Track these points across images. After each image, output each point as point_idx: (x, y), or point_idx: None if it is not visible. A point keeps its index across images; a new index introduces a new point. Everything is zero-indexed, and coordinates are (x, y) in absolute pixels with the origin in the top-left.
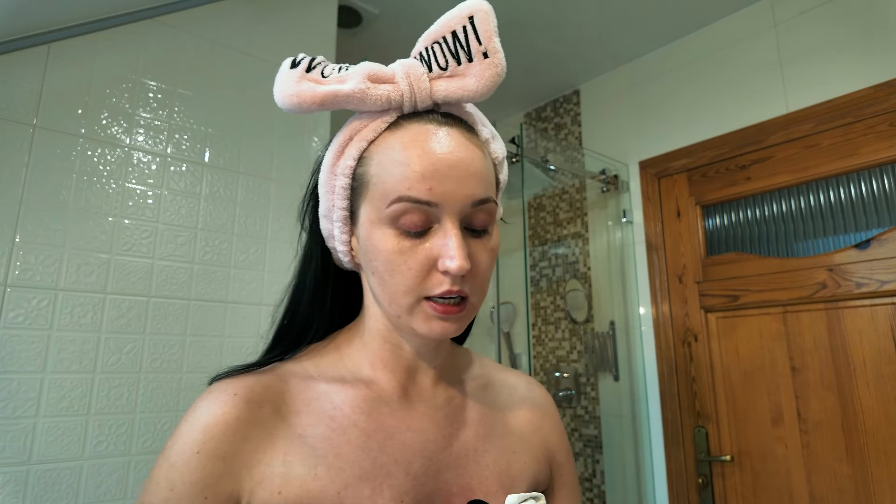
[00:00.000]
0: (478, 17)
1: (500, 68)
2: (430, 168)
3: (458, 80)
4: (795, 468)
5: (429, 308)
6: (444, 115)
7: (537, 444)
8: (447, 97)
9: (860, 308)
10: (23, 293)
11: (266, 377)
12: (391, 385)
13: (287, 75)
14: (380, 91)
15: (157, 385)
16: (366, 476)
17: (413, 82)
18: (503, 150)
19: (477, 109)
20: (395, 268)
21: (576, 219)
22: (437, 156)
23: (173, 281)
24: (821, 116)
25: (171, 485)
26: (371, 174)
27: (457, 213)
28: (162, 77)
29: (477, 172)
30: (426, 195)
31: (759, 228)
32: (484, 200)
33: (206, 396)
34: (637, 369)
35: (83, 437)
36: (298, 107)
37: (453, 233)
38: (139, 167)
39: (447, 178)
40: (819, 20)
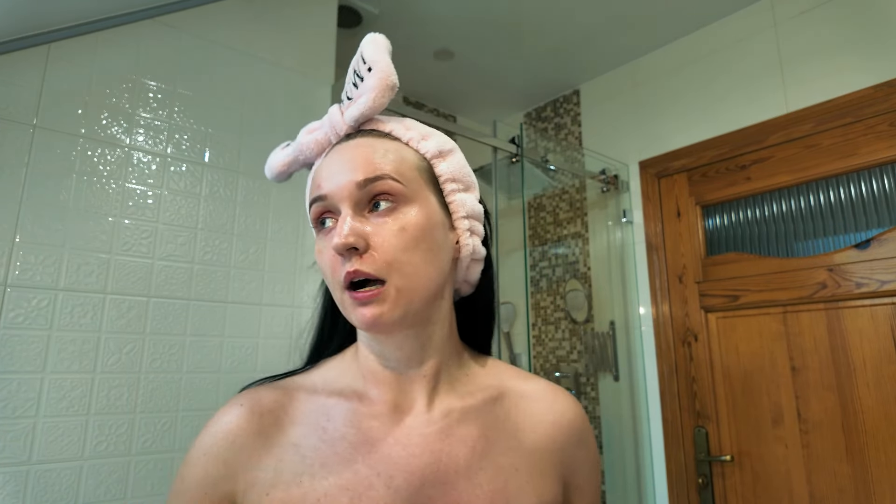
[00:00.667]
0: (364, 46)
1: (384, 73)
2: (323, 170)
3: (357, 101)
4: (795, 468)
5: (349, 297)
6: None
7: (550, 463)
8: (354, 118)
9: (860, 308)
10: (23, 293)
11: (275, 390)
12: (382, 399)
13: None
14: (309, 139)
15: (157, 385)
16: (347, 486)
17: (330, 119)
18: (440, 144)
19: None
20: (321, 266)
21: (576, 219)
22: (329, 160)
23: (173, 281)
24: (821, 116)
25: (182, 478)
26: None
27: (346, 197)
28: (162, 77)
29: (364, 158)
30: (318, 191)
31: (759, 228)
32: (371, 179)
33: (224, 406)
34: (637, 369)
35: (83, 437)
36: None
37: (343, 216)
38: (139, 167)
39: (336, 172)
40: (819, 20)
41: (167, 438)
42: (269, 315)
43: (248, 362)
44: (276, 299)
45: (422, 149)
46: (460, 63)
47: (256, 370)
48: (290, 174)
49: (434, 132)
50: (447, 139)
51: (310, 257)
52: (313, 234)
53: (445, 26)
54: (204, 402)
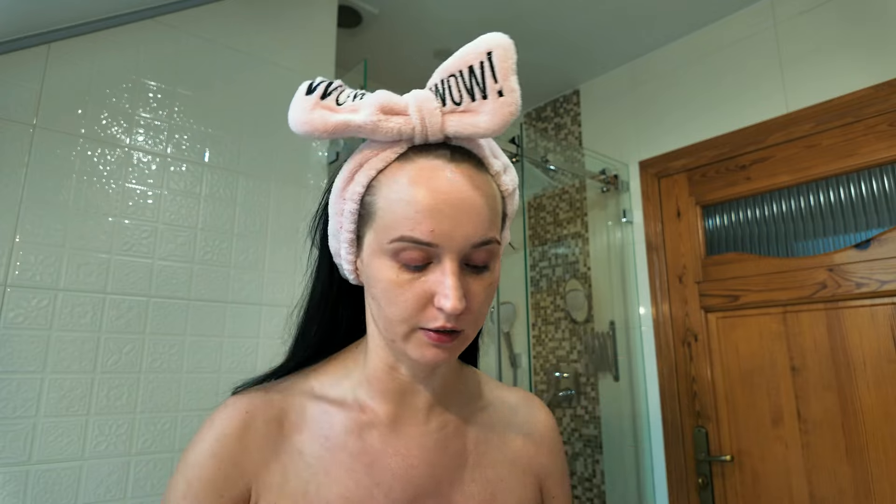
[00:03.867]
0: (496, 53)
1: (515, 107)
2: (432, 209)
3: (471, 117)
4: (795, 468)
5: (423, 336)
6: (453, 150)
7: (529, 472)
8: (458, 133)
9: (860, 308)
10: (23, 293)
11: (274, 396)
12: (383, 409)
13: (301, 102)
14: (391, 124)
15: (157, 385)
16: (348, 496)
17: (425, 116)
18: (514, 181)
19: (492, 142)
20: (393, 298)
21: (576, 219)
22: (441, 196)
23: (173, 281)
24: (821, 116)
25: (189, 483)
26: (378, 206)
27: (455, 252)
28: (162, 77)
29: (479, 213)
30: (427, 237)
31: (759, 228)
32: (484, 242)
33: (223, 410)
34: (637, 369)
35: (83, 437)
36: (310, 134)
37: (450, 272)
38: (139, 167)
39: (448, 219)
40: (819, 20)
41: (167, 438)
42: (268, 315)
43: (248, 362)
44: (276, 299)
45: (502, 185)
46: None
47: (256, 370)
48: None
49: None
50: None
51: None
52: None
53: (445, 26)
54: (204, 402)
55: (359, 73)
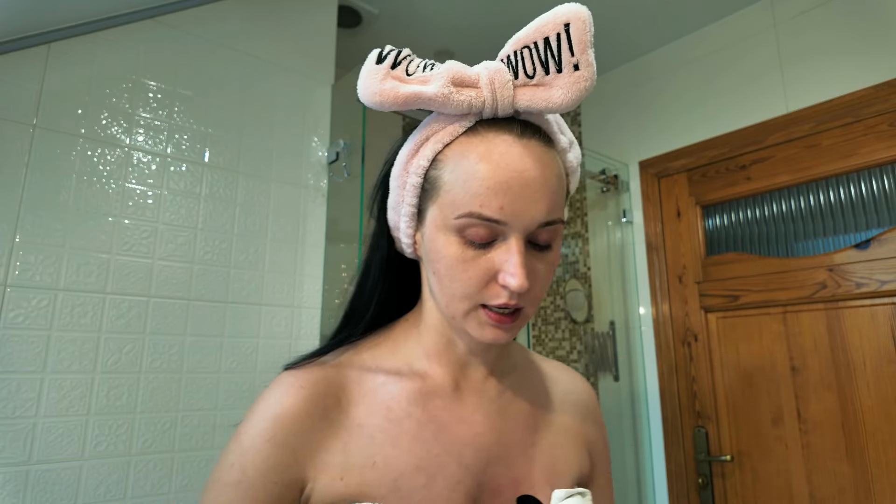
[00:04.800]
0: (574, 25)
1: (590, 83)
2: (502, 186)
3: (544, 91)
4: (795, 468)
5: (484, 315)
6: (523, 126)
7: (580, 438)
8: (529, 107)
9: (860, 308)
10: (23, 293)
11: (329, 370)
12: (444, 378)
13: (372, 72)
14: (462, 97)
15: (157, 385)
16: (420, 465)
17: (497, 89)
18: (578, 158)
19: (558, 116)
20: (456, 274)
21: (576, 219)
22: (511, 174)
23: (173, 281)
24: (821, 116)
25: (243, 469)
26: (444, 180)
27: (522, 230)
28: (162, 77)
29: (548, 193)
30: (496, 214)
31: (759, 228)
32: (551, 222)
33: (276, 387)
34: (637, 369)
35: (83, 437)
36: (380, 105)
37: (517, 250)
38: (139, 167)
39: (518, 197)
40: (819, 20)
41: (167, 438)
42: (269, 315)
43: (248, 362)
44: (276, 299)
45: (567, 161)
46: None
47: (256, 370)
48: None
49: (574, 139)
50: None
51: (311, 258)
52: None
53: (445, 26)
54: (204, 402)
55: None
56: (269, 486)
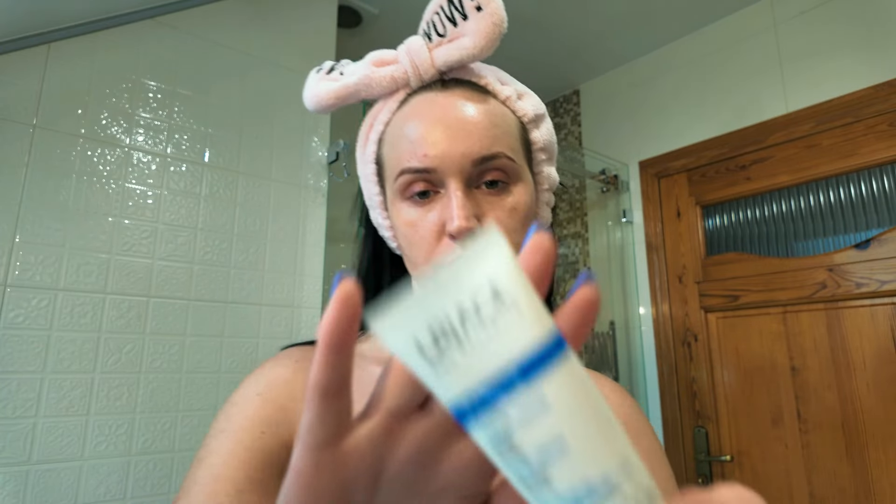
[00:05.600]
0: None
1: (497, 17)
2: (426, 135)
3: (456, 42)
4: (795, 468)
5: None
6: (447, 81)
7: None
8: (447, 62)
9: (860, 308)
10: (23, 293)
11: None
12: None
13: (310, 81)
14: (383, 73)
15: (157, 385)
16: None
17: (413, 56)
18: (536, 107)
19: (498, 70)
20: (411, 238)
21: (575, 219)
22: (432, 121)
23: (173, 281)
24: (821, 116)
25: (228, 417)
26: (385, 155)
27: (457, 173)
28: (162, 77)
29: (477, 129)
30: (422, 162)
31: (759, 228)
32: (489, 157)
33: (273, 359)
34: (637, 369)
35: (83, 437)
36: (319, 105)
37: (454, 194)
38: (139, 167)
39: (442, 139)
40: (819, 20)
41: (167, 438)
42: (269, 315)
43: (248, 362)
44: (276, 299)
45: (519, 111)
46: None
47: None
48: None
49: (527, 90)
50: (539, 100)
51: (311, 258)
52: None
53: None
54: (204, 402)
55: None
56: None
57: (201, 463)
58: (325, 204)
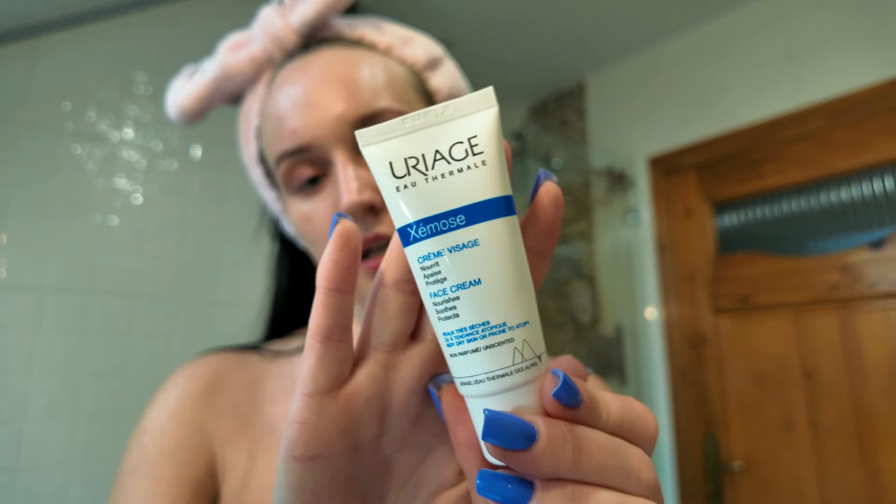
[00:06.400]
0: None
1: None
2: (290, 107)
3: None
4: (807, 476)
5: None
6: (313, 44)
7: None
8: (304, 21)
9: (874, 309)
10: (8, 295)
11: (246, 358)
12: None
13: (171, 91)
14: (239, 57)
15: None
16: None
17: (267, 28)
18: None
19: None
20: (308, 234)
21: (581, 217)
22: (295, 92)
23: (162, 281)
24: (834, 111)
25: (144, 450)
26: (264, 147)
27: (339, 142)
28: (151, 70)
29: (351, 86)
30: (293, 140)
31: (770, 227)
32: (370, 116)
33: (182, 369)
34: (645, 373)
35: (71, 442)
36: (183, 113)
37: (340, 165)
38: (128, 164)
39: (309, 108)
40: (832, 11)
41: None
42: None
43: None
44: None
45: (408, 58)
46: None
47: None
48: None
49: (414, 33)
50: (432, 42)
51: None
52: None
53: (447, 18)
54: None
55: None
56: (177, 464)
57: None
58: None
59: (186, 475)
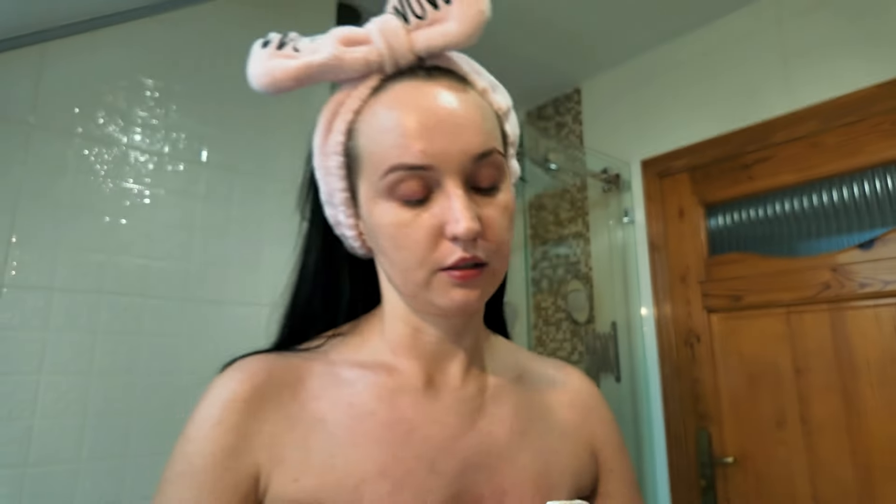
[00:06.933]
0: None
1: (483, 4)
2: (418, 128)
3: (439, 26)
4: (798, 471)
5: (446, 277)
6: (429, 69)
7: (581, 441)
8: (429, 47)
9: (864, 309)
10: (18, 294)
11: (285, 359)
12: (415, 372)
13: (258, 55)
14: (356, 54)
15: (154, 386)
16: (385, 471)
17: (389, 38)
18: (507, 100)
19: (470, 60)
20: (401, 241)
21: (577, 218)
22: (424, 112)
23: (170, 281)
24: (825, 115)
25: (188, 459)
26: (362, 147)
27: (456, 171)
28: (159, 75)
29: (473, 124)
30: (419, 159)
31: (762, 228)
32: (486, 153)
33: (224, 374)
34: (639, 371)
35: (80, 438)
36: (273, 86)
37: (456, 193)
38: (136, 166)
39: (439, 134)
40: (823, 17)
41: (164, 440)
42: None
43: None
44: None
45: (494, 103)
46: None
47: None
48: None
49: (497, 82)
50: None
51: None
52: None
53: None
54: None
55: None
56: (220, 471)
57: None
58: None
59: (229, 481)
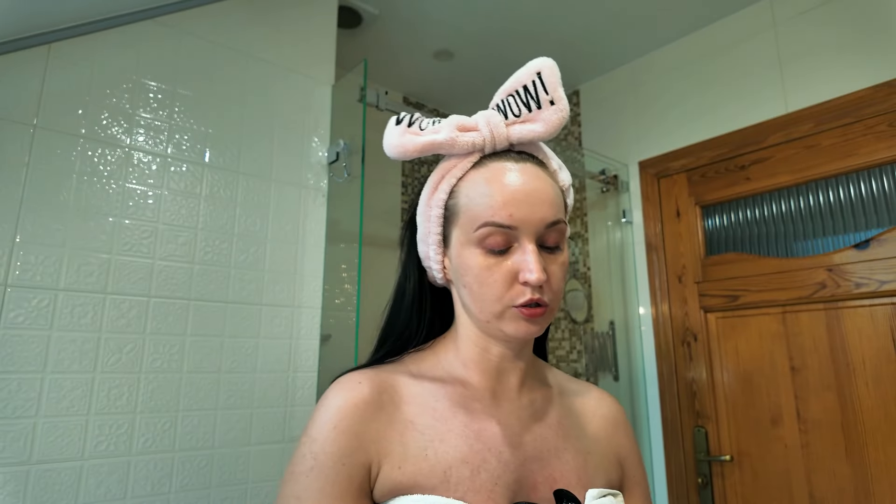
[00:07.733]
0: (544, 72)
1: (565, 113)
2: (509, 198)
3: (530, 125)
4: (795, 468)
5: (516, 312)
6: (518, 154)
7: (610, 449)
8: (521, 139)
9: (859, 308)
10: (23, 293)
11: (382, 373)
12: (482, 384)
13: (393, 131)
14: (466, 138)
15: (158, 385)
16: (466, 459)
17: (493, 129)
18: (569, 178)
19: (545, 146)
20: (484, 281)
21: (575, 219)
22: (514, 187)
23: (173, 281)
24: (820, 117)
25: (315, 455)
26: (461, 205)
27: (532, 233)
28: (162, 77)
29: (548, 199)
30: (507, 220)
31: (758, 228)
32: (555, 222)
33: (337, 385)
34: (637, 369)
35: (83, 436)
36: (403, 155)
37: (531, 249)
38: (139, 167)
39: (523, 205)
40: (818, 20)
41: (167, 438)
42: (269, 315)
43: (248, 362)
44: (276, 299)
45: (560, 181)
46: (460, 63)
47: (256, 370)
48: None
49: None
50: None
51: (311, 258)
52: None
53: (445, 26)
54: (204, 402)
55: (359, 73)
56: (339, 467)
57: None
58: (326, 204)
59: (346, 474)
